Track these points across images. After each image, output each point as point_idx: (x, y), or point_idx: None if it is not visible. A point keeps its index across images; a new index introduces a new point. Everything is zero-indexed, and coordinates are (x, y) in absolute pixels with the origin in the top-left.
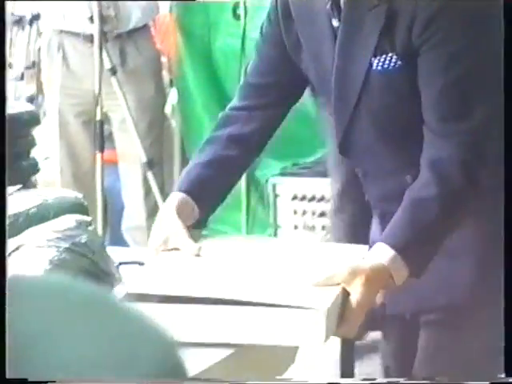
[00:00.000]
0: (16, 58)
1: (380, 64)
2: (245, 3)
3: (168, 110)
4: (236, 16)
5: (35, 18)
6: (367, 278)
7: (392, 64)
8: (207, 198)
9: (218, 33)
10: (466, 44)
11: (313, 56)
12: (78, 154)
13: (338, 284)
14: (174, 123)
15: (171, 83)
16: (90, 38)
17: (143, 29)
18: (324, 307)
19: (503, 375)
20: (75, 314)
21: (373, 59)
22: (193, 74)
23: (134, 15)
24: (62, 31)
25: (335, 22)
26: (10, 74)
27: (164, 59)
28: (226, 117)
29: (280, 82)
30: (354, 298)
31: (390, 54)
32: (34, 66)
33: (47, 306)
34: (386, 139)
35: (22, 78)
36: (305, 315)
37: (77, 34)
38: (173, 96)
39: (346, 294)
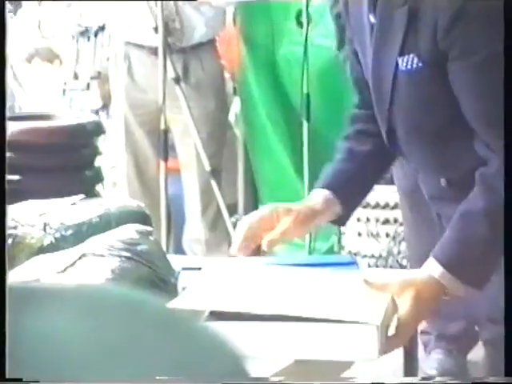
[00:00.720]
0: (82, 68)
1: (404, 64)
2: (307, 10)
3: (232, 118)
4: (300, 24)
5: (101, 29)
6: (417, 291)
7: (415, 65)
8: (349, 193)
9: (281, 41)
10: (497, 48)
11: (362, 57)
12: (144, 163)
13: (389, 294)
14: (238, 132)
15: (234, 91)
16: (154, 51)
17: (208, 44)
18: (377, 322)
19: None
20: (148, 328)
21: (398, 59)
22: (256, 83)
23: (199, 30)
24: (128, 43)
25: (372, 18)
26: (76, 85)
27: (227, 75)
28: (353, 115)
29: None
30: (404, 310)
31: (411, 55)
32: (100, 76)
33: (123, 319)
34: (419, 140)
35: (87, 88)
36: (358, 330)
37: (142, 46)
38: (236, 104)
39: (395, 306)
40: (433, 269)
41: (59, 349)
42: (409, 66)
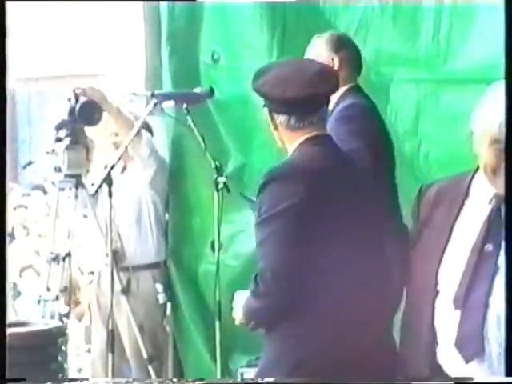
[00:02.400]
0: (53, 283)
1: None
2: (219, 240)
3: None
4: (213, 249)
5: (68, 255)
6: None
7: None
8: None
9: (200, 262)
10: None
11: None
12: None
13: None
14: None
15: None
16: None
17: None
18: None
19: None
20: None
21: None
22: (182, 294)
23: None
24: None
25: None
26: (48, 295)
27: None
28: None
29: None
30: None
31: None
32: (66, 289)
33: None
34: None
35: (57, 298)
36: None
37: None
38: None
39: None
40: None
41: None
42: None
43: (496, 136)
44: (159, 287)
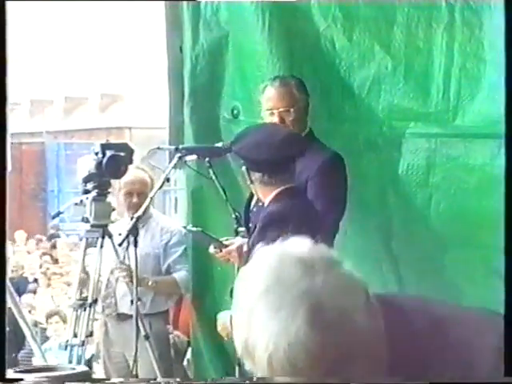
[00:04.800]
0: (80, 329)
1: None
2: None
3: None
4: (232, 295)
5: (94, 301)
6: None
7: None
8: None
9: (220, 308)
10: None
11: None
12: None
13: None
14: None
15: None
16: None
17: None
18: None
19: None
20: None
21: None
22: (203, 340)
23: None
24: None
25: None
26: (75, 341)
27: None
28: None
29: None
30: None
31: None
32: (92, 335)
33: None
34: None
35: (83, 344)
36: None
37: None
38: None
39: None
40: None
41: None
42: None
43: None
44: (170, 328)
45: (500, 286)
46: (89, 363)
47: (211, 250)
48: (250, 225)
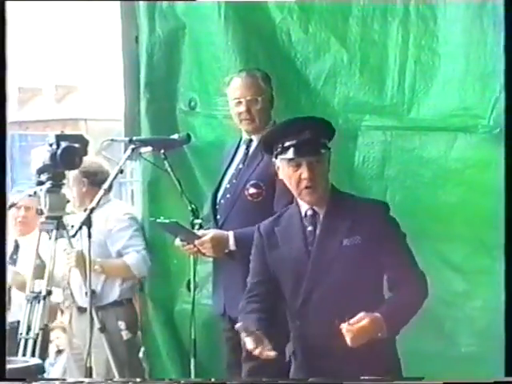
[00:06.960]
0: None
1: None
2: (194, 280)
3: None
4: (189, 288)
5: (48, 294)
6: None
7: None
8: None
9: (177, 300)
10: None
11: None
12: None
13: None
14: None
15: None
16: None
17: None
18: None
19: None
20: None
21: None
22: (159, 333)
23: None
24: None
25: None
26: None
27: None
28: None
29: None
30: None
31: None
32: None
33: None
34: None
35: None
36: None
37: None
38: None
39: None
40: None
41: None
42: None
43: None
44: (122, 324)
45: (453, 278)
46: (44, 355)
47: (177, 242)
48: (218, 217)
